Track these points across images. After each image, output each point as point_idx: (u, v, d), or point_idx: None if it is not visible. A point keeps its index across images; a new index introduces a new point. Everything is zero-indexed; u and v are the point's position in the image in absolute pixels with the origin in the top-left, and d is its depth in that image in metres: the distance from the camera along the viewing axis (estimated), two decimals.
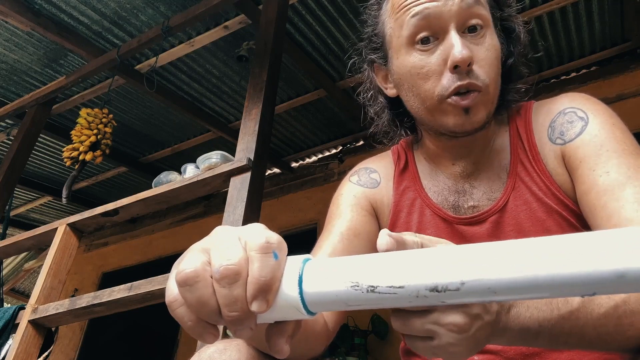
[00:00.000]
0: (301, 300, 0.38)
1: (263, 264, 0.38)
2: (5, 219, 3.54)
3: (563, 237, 0.33)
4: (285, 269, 0.39)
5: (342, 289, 0.37)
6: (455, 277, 0.34)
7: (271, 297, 0.38)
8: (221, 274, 0.37)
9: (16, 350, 2.05)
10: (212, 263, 0.38)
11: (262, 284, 0.37)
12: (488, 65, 0.71)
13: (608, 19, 2.95)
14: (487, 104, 0.71)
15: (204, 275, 0.38)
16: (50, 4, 2.86)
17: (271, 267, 0.38)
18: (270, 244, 0.39)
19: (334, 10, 2.86)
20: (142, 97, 3.67)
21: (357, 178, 0.88)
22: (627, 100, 3.09)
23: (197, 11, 2.68)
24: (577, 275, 0.31)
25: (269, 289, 0.38)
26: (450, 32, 0.70)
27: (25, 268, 5.77)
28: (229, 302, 0.37)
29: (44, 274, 2.19)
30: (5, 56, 3.26)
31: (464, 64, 0.68)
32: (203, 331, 0.39)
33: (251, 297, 0.37)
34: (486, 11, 0.73)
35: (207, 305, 0.38)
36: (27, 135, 3.31)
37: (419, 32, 0.72)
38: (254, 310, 0.37)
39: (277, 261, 0.39)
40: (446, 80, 0.70)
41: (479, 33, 0.71)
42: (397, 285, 0.35)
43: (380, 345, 3.25)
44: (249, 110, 2.15)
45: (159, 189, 2.14)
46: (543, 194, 0.73)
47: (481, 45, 0.71)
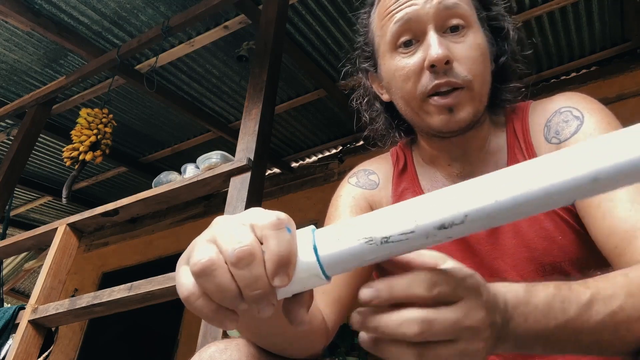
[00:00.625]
0: (319, 266, 0.40)
1: (280, 240, 0.39)
2: (5, 219, 3.55)
3: (540, 158, 0.37)
4: (299, 242, 0.41)
5: (356, 246, 0.39)
6: (458, 211, 0.36)
7: (291, 270, 0.39)
8: (237, 257, 0.38)
9: (16, 350, 2.05)
10: (224, 250, 0.39)
11: (283, 258, 0.38)
12: (470, 62, 0.71)
13: (608, 19, 2.95)
14: (473, 101, 0.72)
15: (220, 262, 0.38)
16: (50, 4, 2.86)
17: (287, 241, 0.39)
18: (281, 220, 0.40)
19: (334, 10, 2.86)
20: (142, 97, 3.67)
21: (355, 180, 0.89)
22: (627, 100, 3.09)
23: (197, 11, 2.68)
24: (559, 185, 0.35)
25: (288, 262, 0.39)
26: (428, 33, 0.72)
27: (25, 268, 5.78)
28: (249, 283, 0.38)
29: (44, 274, 2.19)
30: (5, 56, 3.26)
31: (440, 62, 0.69)
32: (224, 318, 0.40)
33: (273, 274, 0.38)
34: (468, 10, 0.74)
35: (228, 291, 0.38)
36: (27, 135, 3.31)
37: (400, 37, 0.74)
38: (277, 285, 0.38)
39: (291, 234, 0.40)
40: (425, 79, 0.71)
41: (460, 32, 0.72)
42: (408, 230, 0.37)
43: None
44: (249, 110, 2.15)
45: (159, 189, 2.14)
46: None
47: (463, 43, 0.72)
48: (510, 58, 0.80)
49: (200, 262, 0.38)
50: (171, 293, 1.81)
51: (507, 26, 0.80)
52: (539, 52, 3.22)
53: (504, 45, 0.80)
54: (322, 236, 0.41)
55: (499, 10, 0.80)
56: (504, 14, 0.80)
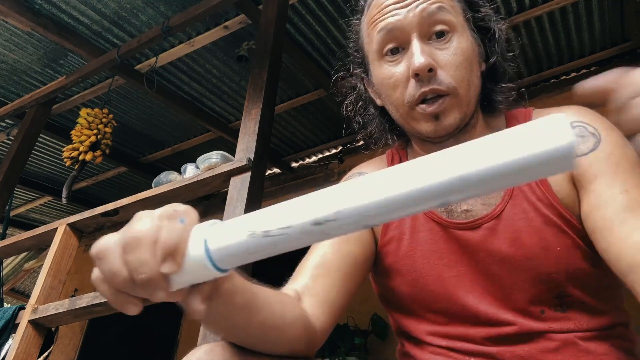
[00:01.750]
0: (208, 258, 0.42)
1: (169, 228, 0.42)
2: (5, 219, 3.55)
3: (411, 162, 0.38)
4: (193, 234, 0.43)
5: (242, 240, 0.41)
6: (330, 209, 0.39)
7: (179, 258, 0.42)
8: (123, 242, 0.42)
9: (16, 350, 2.05)
10: (119, 237, 0.42)
11: (169, 245, 0.41)
12: (454, 68, 0.72)
13: (608, 19, 2.95)
14: (459, 107, 0.73)
15: (113, 248, 0.42)
16: (50, 4, 2.86)
17: (177, 231, 0.42)
18: (176, 211, 0.43)
19: (334, 10, 2.86)
20: (142, 97, 3.67)
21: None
22: None
23: (197, 11, 2.68)
24: (428, 187, 0.36)
25: (175, 250, 0.41)
26: (412, 41, 0.73)
27: (25, 268, 5.77)
28: (136, 267, 0.41)
29: (44, 274, 2.19)
30: (5, 56, 3.26)
31: (423, 71, 0.70)
32: (123, 301, 0.44)
33: (160, 259, 0.41)
34: (453, 15, 0.74)
35: (118, 275, 0.41)
36: (27, 135, 3.31)
37: (385, 45, 0.75)
38: (165, 271, 0.41)
39: (183, 225, 0.43)
40: (411, 87, 0.73)
41: (445, 38, 0.73)
42: (286, 225, 0.40)
43: (380, 345, 3.25)
44: (249, 110, 2.15)
45: (159, 189, 2.14)
46: (542, 204, 0.73)
47: (447, 49, 0.73)
48: (500, 58, 0.80)
49: (95, 247, 0.43)
50: None
51: (494, 27, 0.80)
52: (539, 52, 3.22)
53: (493, 46, 0.80)
54: (215, 230, 0.43)
55: (486, 12, 0.80)
56: (491, 15, 0.81)
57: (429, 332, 0.77)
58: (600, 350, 0.69)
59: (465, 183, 0.35)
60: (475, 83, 0.75)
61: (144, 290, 0.42)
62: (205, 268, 0.42)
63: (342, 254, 0.77)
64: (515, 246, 0.72)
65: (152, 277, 0.41)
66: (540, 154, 0.33)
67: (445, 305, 0.75)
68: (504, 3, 2.85)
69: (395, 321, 0.84)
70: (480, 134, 0.80)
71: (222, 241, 0.42)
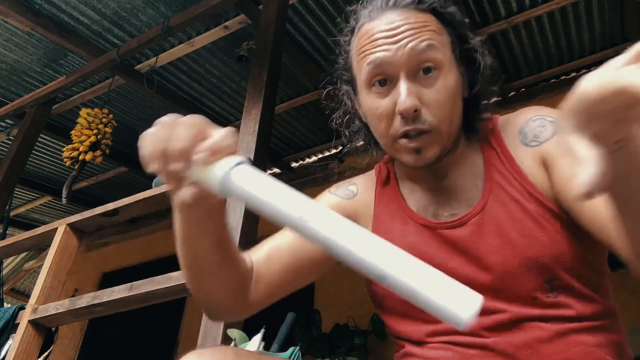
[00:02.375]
0: (225, 176, 0.51)
1: (225, 136, 0.53)
2: (5, 219, 3.55)
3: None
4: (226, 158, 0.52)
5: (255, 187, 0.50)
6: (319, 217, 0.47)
7: (214, 159, 0.52)
8: (184, 119, 0.55)
9: (16, 350, 2.05)
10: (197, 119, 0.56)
11: (219, 146, 0.52)
12: (438, 107, 0.75)
13: (608, 19, 2.95)
14: (439, 142, 0.77)
15: (172, 125, 0.55)
16: (50, 4, 2.86)
17: (229, 142, 0.53)
18: (232, 130, 0.54)
19: (334, 10, 2.86)
20: (142, 97, 3.67)
21: (335, 189, 0.95)
22: None
23: (197, 11, 2.68)
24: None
25: (219, 152, 0.52)
26: (400, 80, 0.75)
27: (25, 268, 5.77)
28: (180, 136, 0.53)
29: (44, 274, 2.19)
30: (5, 56, 3.26)
31: (408, 113, 0.73)
32: (156, 158, 0.57)
33: (204, 149, 0.52)
34: (441, 53, 0.76)
35: (165, 141, 0.55)
36: (27, 135, 3.31)
37: (374, 77, 0.77)
38: (200, 157, 0.52)
39: (232, 142, 0.54)
40: (396, 123, 0.76)
41: (432, 74, 0.75)
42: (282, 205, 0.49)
43: (380, 345, 3.25)
44: (249, 110, 2.15)
45: (159, 189, 2.13)
46: (519, 195, 0.76)
47: (432, 87, 0.75)
48: (482, 88, 0.83)
49: (163, 118, 0.57)
50: (171, 293, 1.81)
51: (480, 60, 0.83)
52: (539, 52, 3.22)
53: (477, 77, 0.83)
54: (244, 168, 0.52)
55: (474, 44, 0.83)
56: (478, 48, 0.83)
57: (427, 332, 0.79)
58: (591, 342, 0.71)
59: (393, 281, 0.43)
60: (458, 115, 0.79)
61: (175, 156, 0.53)
62: (219, 180, 0.51)
63: (302, 249, 0.82)
64: (501, 237, 0.75)
65: (186, 150, 0.53)
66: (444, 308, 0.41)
67: None
68: (504, 3, 2.85)
69: (392, 327, 0.86)
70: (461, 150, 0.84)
71: (242, 176, 0.51)
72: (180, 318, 4.41)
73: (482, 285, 0.75)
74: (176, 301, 2.72)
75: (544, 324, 0.72)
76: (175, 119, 0.55)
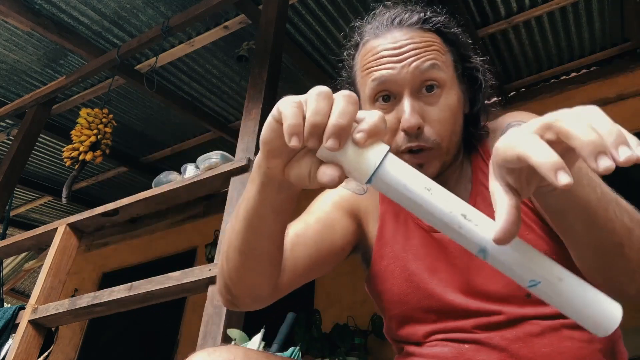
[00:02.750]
0: (376, 165, 0.46)
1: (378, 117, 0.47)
2: (5, 219, 3.55)
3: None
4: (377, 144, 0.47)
5: (411, 180, 0.46)
6: (475, 220, 0.47)
7: (342, 140, 0.45)
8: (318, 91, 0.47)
9: (16, 350, 2.05)
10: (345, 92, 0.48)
11: (374, 124, 0.46)
12: (440, 125, 0.77)
13: (608, 19, 2.95)
14: (440, 157, 0.78)
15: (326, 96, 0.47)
16: (50, 4, 2.86)
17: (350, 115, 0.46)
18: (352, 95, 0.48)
19: (334, 10, 2.86)
20: (142, 97, 3.67)
21: (345, 184, 0.93)
22: (627, 100, 3.09)
23: (197, 11, 2.68)
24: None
25: (377, 132, 0.46)
26: (404, 97, 0.76)
27: (25, 268, 5.77)
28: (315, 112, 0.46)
29: (44, 274, 2.19)
30: (5, 56, 3.26)
31: (412, 130, 0.75)
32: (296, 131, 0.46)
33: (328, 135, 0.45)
34: (444, 72, 0.78)
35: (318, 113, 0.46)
36: (27, 135, 3.31)
37: (378, 93, 0.79)
38: (327, 146, 0.45)
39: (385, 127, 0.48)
40: (400, 139, 0.77)
41: (435, 93, 0.77)
42: (443, 199, 0.47)
43: (380, 345, 3.25)
44: (249, 110, 2.15)
45: (159, 189, 2.14)
46: None
47: (435, 105, 0.77)
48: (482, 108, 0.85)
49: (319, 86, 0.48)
50: (171, 293, 1.81)
51: (482, 80, 0.84)
52: (539, 52, 3.22)
53: (477, 95, 0.84)
54: (393, 158, 0.47)
55: (476, 64, 0.85)
56: (480, 67, 0.85)
57: (424, 331, 0.80)
58: (582, 337, 0.73)
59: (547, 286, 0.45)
60: (458, 131, 0.80)
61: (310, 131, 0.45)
62: (367, 166, 0.46)
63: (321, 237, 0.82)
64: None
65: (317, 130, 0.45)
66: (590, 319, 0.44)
67: (436, 303, 0.79)
68: (503, 3, 2.85)
69: (391, 329, 0.88)
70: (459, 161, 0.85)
71: (395, 166, 0.47)
72: (180, 318, 4.41)
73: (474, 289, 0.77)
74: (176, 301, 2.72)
75: (538, 321, 0.74)
76: (326, 90, 0.48)
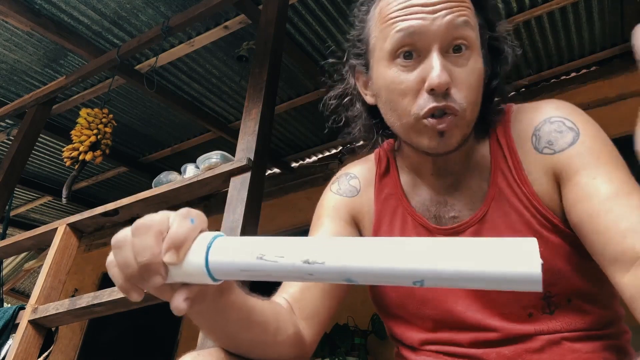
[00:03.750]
0: (206, 264, 0.46)
1: (180, 224, 0.47)
2: (5, 219, 3.55)
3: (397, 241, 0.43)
4: (198, 238, 0.47)
5: (238, 257, 0.46)
6: (320, 256, 0.43)
7: (182, 252, 0.46)
8: (134, 227, 0.47)
9: (16, 350, 2.05)
10: (133, 226, 0.48)
11: (176, 238, 0.46)
12: (467, 88, 0.69)
13: (608, 19, 2.95)
14: (462, 128, 0.70)
15: (129, 239, 0.47)
16: (50, 4, 2.86)
17: (186, 227, 0.47)
18: (189, 212, 0.48)
19: (334, 10, 2.86)
20: (142, 97, 3.67)
21: (337, 187, 0.89)
22: (627, 100, 3.09)
23: (197, 11, 2.68)
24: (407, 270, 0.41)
25: (181, 244, 0.46)
26: (432, 53, 0.68)
27: (25, 268, 5.77)
28: (140, 250, 0.46)
29: (44, 274, 2.19)
30: (5, 56, 3.26)
31: (441, 89, 0.67)
32: (129, 289, 0.48)
33: (165, 249, 0.46)
34: (474, 33, 0.71)
35: (129, 266, 0.47)
36: (27, 135, 3.31)
37: (401, 47, 0.70)
38: (167, 260, 0.45)
39: (193, 225, 0.47)
40: (422, 100, 0.68)
41: (463, 54, 0.69)
42: (279, 255, 0.44)
43: (380, 345, 3.25)
44: (249, 110, 2.15)
45: (159, 189, 2.14)
46: (522, 206, 0.72)
47: (463, 67, 0.69)
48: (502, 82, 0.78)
49: (114, 237, 0.48)
50: None
51: (507, 50, 0.77)
52: (539, 52, 3.22)
53: (498, 68, 0.78)
54: (218, 242, 0.47)
55: (501, 32, 0.78)
56: (506, 36, 0.78)
57: (419, 338, 0.78)
58: (585, 349, 0.69)
59: (438, 275, 0.40)
60: (478, 105, 0.73)
61: (143, 273, 0.46)
62: (200, 272, 0.46)
63: None
64: None
65: (153, 262, 0.46)
66: (510, 274, 0.38)
67: (433, 311, 0.76)
68: (504, 3, 2.85)
69: (389, 327, 0.86)
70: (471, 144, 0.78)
71: (222, 254, 0.46)
72: (180, 318, 4.40)
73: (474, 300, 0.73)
74: None
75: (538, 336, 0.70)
76: (124, 235, 0.48)
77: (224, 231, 1.82)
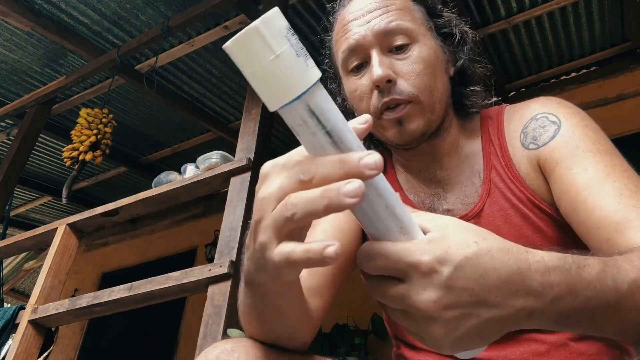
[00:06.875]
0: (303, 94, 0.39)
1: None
2: (5, 219, 3.55)
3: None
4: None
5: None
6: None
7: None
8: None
9: (16, 350, 2.05)
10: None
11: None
12: (414, 76, 0.74)
13: (608, 19, 2.95)
14: (423, 113, 0.75)
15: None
16: (50, 4, 2.86)
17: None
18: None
19: None
20: (142, 97, 3.67)
21: None
22: (627, 100, 3.09)
23: (197, 11, 2.68)
24: None
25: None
26: (372, 55, 0.75)
27: (25, 268, 5.77)
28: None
29: (44, 274, 2.19)
30: (5, 56, 3.26)
31: (382, 82, 0.73)
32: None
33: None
34: (410, 27, 0.76)
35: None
36: (27, 135, 3.31)
37: (350, 63, 0.79)
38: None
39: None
40: (374, 99, 0.76)
41: (404, 50, 0.76)
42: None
43: (380, 345, 3.25)
44: (249, 110, 2.15)
45: (159, 189, 2.14)
46: (518, 200, 0.74)
47: (406, 59, 0.75)
48: (467, 62, 0.82)
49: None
50: (171, 293, 1.81)
51: (457, 32, 0.82)
52: (539, 52, 3.22)
53: (459, 50, 0.82)
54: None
55: (447, 17, 0.83)
56: (453, 20, 0.83)
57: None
58: (591, 351, 0.69)
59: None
60: (441, 88, 0.77)
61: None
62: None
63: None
64: None
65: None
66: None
67: None
68: (503, 3, 2.85)
69: (390, 326, 0.86)
70: (455, 137, 0.82)
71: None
72: (180, 318, 4.40)
73: None
74: (176, 301, 2.72)
75: (541, 335, 0.70)
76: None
77: (223, 231, 1.82)
